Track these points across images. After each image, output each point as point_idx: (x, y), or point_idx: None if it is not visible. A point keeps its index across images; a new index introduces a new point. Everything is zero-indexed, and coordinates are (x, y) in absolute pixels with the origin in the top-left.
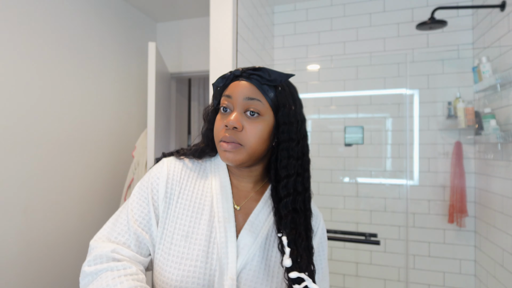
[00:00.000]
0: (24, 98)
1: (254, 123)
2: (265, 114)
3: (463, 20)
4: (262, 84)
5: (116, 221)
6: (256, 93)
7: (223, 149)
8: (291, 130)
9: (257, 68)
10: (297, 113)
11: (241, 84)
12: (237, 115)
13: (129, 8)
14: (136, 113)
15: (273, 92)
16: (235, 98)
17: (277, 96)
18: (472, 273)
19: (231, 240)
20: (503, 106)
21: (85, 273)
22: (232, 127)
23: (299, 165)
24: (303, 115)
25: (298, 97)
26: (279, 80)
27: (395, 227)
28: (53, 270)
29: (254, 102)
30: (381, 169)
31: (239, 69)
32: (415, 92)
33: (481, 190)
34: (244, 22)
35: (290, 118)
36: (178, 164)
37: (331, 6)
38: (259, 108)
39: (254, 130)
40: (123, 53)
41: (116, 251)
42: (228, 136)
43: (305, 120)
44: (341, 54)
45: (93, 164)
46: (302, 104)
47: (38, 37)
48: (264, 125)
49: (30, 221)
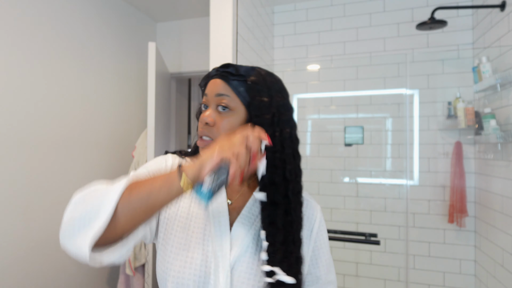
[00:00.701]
0: (24, 98)
1: (224, 118)
2: (235, 108)
3: (463, 20)
4: (231, 80)
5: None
6: (225, 89)
7: (199, 146)
8: (263, 123)
9: (226, 65)
10: (272, 105)
11: (214, 82)
12: (210, 112)
13: (129, 8)
14: (136, 113)
15: (243, 86)
16: (209, 95)
17: (247, 90)
18: (472, 273)
19: (225, 233)
20: (503, 106)
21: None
22: (204, 122)
23: (277, 158)
24: (285, 106)
25: (279, 89)
26: (246, 74)
27: (395, 227)
28: (53, 270)
29: (224, 98)
30: (381, 169)
31: (215, 68)
32: (415, 92)
33: (481, 190)
34: (244, 22)
35: (261, 111)
36: (180, 160)
37: (331, 6)
38: (229, 103)
39: (223, 124)
40: (123, 53)
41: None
42: (202, 131)
43: (288, 111)
44: (341, 54)
45: (93, 164)
46: (285, 96)
47: (37, 37)
48: (234, 119)
49: (30, 221)
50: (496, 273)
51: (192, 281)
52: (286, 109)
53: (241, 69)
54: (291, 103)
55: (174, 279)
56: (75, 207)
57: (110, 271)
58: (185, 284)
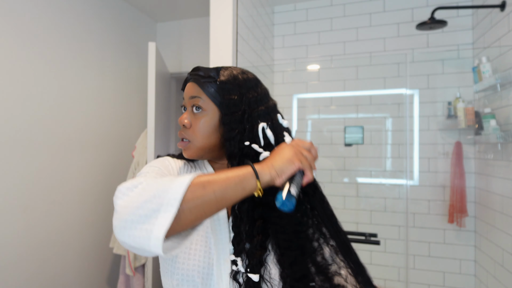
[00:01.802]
0: (23, 98)
1: (197, 119)
2: (207, 109)
3: (463, 20)
4: (202, 82)
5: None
6: (197, 91)
7: (179, 147)
8: (231, 120)
9: (196, 68)
10: (242, 102)
11: (188, 85)
12: (186, 114)
13: (129, 8)
14: (136, 113)
15: (214, 87)
16: (185, 98)
17: (217, 90)
18: (472, 273)
19: (224, 226)
20: (503, 106)
21: (122, 189)
22: (182, 124)
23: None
24: (258, 101)
25: (252, 85)
26: (215, 75)
27: (395, 227)
28: (53, 270)
29: (196, 99)
30: (381, 169)
31: (188, 72)
32: (415, 92)
33: (481, 190)
34: (244, 22)
35: (230, 109)
36: (180, 161)
37: (331, 6)
38: (201, 104)
39: (197, 125)
40: (123, 53)
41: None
42: (180, 133)
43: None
44: (341, 54)
45: (93, 164)
46: (261, 91)
47: (37, 38)
48: (206, 119)
49: (30, 221)
50: (496, 273)
51: (196, 272)
52: (260, 104)
53: (211, 71)
54: (269, 97)
55: (179, 270)
56: (140, 194)
57: (110, 271)
58: (190, 275)
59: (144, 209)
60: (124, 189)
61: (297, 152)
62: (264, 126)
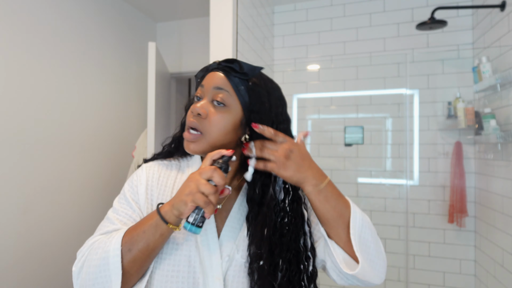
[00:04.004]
0: (23, 98)
1: (218, 113)
2: (231, 105)
3: (463, 20)
4: (233, 76)
5: (100, 227)
6: (225, 84)
7: (186, 139)
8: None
9: (231, 60)
10: (271, 111)
11: (214, 75)
12: (204, 103)
13: (129, 8)
14: (136, 113)
15: (244, 85)
16: (206, 87)
17: (247, 90)
18: (472, 273)
19: (213, 241)
20: (503, 106)
21: (76, 271)
22: (196, 113)
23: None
24: (283, 116)
25: (278, 97)
26: (250, 73)
27: (395, 227)
28: (53, 270)
29: (222, 92)
30: (381, 169)
31: (217, 61)
32: (415, 92)
33: (481, 190)
34: (244, 22)
35: (261, 115)
36: (156, 168)
37: (331, 6)
38: (226, 98)
39: (216, 119)
40: (123, 53)
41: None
42: (191, 122)
43: (286, 120)
44: (341, 54)
45: (93, 164)
46: (284, 105)
47: (37, 38)
48: (228, 116)
49: (30, 221)
50: (496, 273)
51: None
52: (284, 118)
53: (246, 67)
54: (288, 113)
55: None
56: (87, 279)
57: None
58: None
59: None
60: (74, 274)
61: (193, 190)
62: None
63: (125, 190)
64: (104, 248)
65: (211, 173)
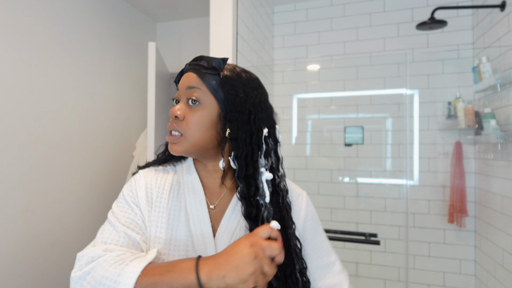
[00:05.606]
0: (23, 98)
1: (193, 112)
2: (206, 102)
3: (463, 20)
4: (204, 73)
5: (103, 231)
6: (197, 82)
7: (168, 141)
8: (238, 119)
9: (199, 58)
10: (247, 102)
11: (186, 76)
12: (180, 105)
13: (129, 8)
14: (136, 113)
15: (216, 80)
16: (181, 89)
17: (220, 84)
18: (472, 273)
19: (208, 242)
20: (503, 106)
21: (74, 279)
22: (173, 116)
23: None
24: (262, 104)
25: (255, 86)
26: (218, 67)
27: (395, 227)
28: (53, 270)
29: (195, 90)
30: (381, 169)
31: (188, 63)
32: (415, 92)
33: (481, 190)
34: (244, 22)
35: (236, 106)
36: (153, 172)
37: (331, 6)
38: (199, 96)
39: (192, 118)
40: (123, 53)
41: (109, 249)
42: (170, 125)
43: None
44: (341, 54)
45: (93, 164)
46: (262, 94)
47: (37, 38)
48: (204, 113)
49: (30, 221)
50: (496, 273)
51: None
52: (264, 107)
53: (214, 61)
54: (269, 102)
55: None
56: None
57: None
58: None
59: None
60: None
61: (257, 268)
62: (265, 134)
63: (124, 194)
64: (113, 278)
65: (279, 252)
